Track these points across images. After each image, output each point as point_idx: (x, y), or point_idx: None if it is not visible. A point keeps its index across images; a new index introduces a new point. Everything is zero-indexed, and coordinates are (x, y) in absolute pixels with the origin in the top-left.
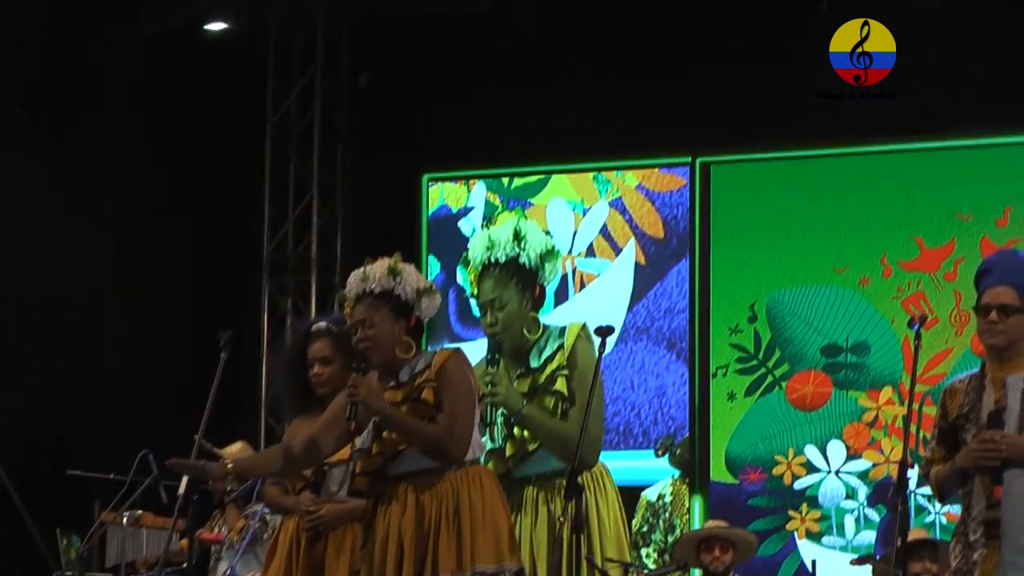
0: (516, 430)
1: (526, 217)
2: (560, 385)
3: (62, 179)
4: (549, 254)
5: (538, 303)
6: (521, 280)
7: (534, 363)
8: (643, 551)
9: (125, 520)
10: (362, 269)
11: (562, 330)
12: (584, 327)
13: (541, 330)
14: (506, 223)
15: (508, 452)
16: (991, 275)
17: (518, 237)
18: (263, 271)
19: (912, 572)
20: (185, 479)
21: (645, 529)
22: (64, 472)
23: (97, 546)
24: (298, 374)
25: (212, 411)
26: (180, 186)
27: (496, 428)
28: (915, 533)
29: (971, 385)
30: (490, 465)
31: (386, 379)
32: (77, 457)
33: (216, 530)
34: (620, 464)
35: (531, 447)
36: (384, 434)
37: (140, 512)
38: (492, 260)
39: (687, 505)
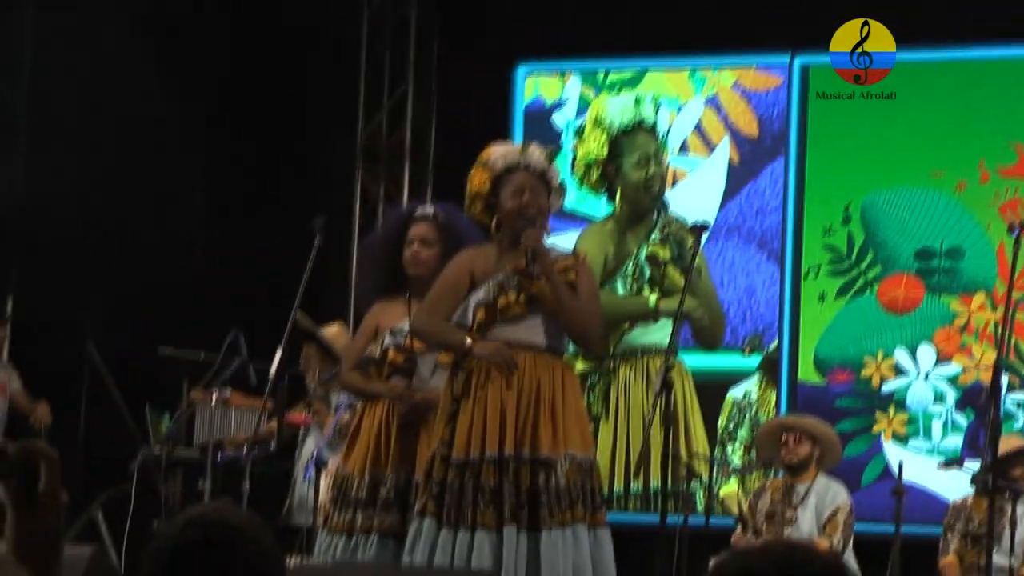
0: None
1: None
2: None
3: (160, 81)
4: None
5: None
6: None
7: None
8: (728, 448)
9: (214, 399)
10: (514, 144)
11: None
12: None
13: None
14: (634, 94)
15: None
16: None
17: (656, 108)
18: (356, 159)
19: (1012, 477)
20: (276, 360)
21: (731, 427)
22: (155, 351)
23: (185, 424)
24: (392, 252)
25: (304, 293)
26: (274, 70)
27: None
28: (1012, 442)
29: None
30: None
31: (518, 254)
32: (168, 337)
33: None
34: (707, 362)
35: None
36: (516, 295)
37: (229, 392)
38: (640, 119)
39: (772, 402)
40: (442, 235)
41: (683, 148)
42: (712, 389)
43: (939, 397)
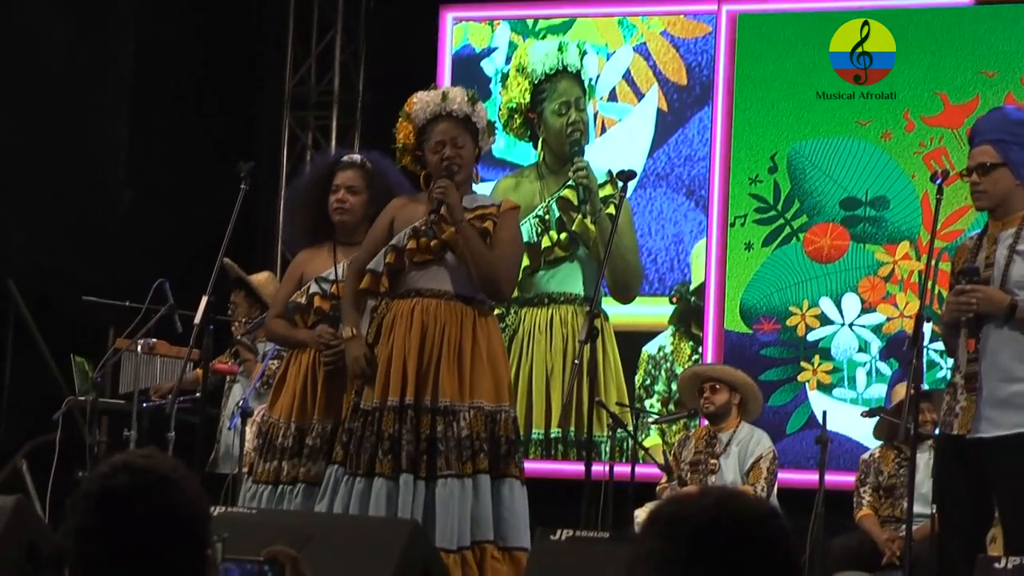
0: (562, 236)
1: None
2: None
3: (83, 28)
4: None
5: None
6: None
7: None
8: (647, 403)
9: (139, 348)
10: (437, 91)
11: None
12: None
13: None
14: (557, 41)
15: (544, 244)
16: (974, 139)
17: (582, 55)
18: (284, 106)
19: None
20: (201, 308)
21: (648, 382)
22: (79, 299)
23: (111, 373)
24: (317, 199)
25: (231, 239)
26: (201, 17)
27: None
28: (902, 391)
29: (974, 242)
30: (524, 260)
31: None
32: (94, 284)
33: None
34: (631, 309)
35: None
36: (428, 241)
37: (155, 340)
38: (563, 66)
39: (688, 354)
40: (369, 183)
41: (612, 96)
42: (632, 338)
43: (863, 346)
